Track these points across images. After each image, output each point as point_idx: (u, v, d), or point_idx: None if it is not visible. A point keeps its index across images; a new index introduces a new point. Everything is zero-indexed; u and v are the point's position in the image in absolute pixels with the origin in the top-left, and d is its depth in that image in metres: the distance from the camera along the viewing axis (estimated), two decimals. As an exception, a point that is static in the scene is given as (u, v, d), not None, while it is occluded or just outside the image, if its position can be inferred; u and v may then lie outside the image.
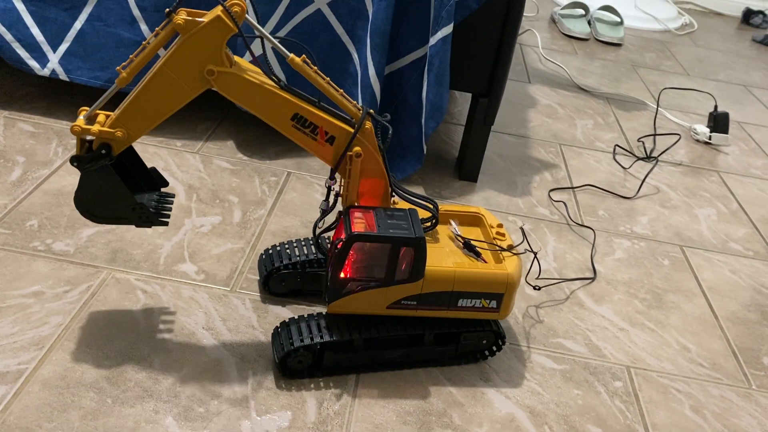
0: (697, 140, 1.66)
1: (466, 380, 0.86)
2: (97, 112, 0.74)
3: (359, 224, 0.76)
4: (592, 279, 1.08)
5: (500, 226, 0.88)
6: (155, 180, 0.82)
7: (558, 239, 1.17)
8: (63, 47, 1.21)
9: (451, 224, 0.89)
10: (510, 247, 0.84)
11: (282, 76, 1.20)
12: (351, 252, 0.76)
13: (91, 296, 0.88)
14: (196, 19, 0.69)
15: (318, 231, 0.83)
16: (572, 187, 1.34)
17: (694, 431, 0.84)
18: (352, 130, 0.76)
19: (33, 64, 1.21)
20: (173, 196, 0.83)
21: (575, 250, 1.15)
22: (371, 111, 0.78)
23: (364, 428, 0.77)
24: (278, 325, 0.83)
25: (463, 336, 0.85)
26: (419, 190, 1.24)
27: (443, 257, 0.82)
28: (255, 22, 0.72)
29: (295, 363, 0.80)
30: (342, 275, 0.77)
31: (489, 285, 0.81)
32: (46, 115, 1.27)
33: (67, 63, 1.21)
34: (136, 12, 1.18)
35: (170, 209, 0.81)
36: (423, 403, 0.82)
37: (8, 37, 1.19)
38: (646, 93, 1.92)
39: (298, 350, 0.79)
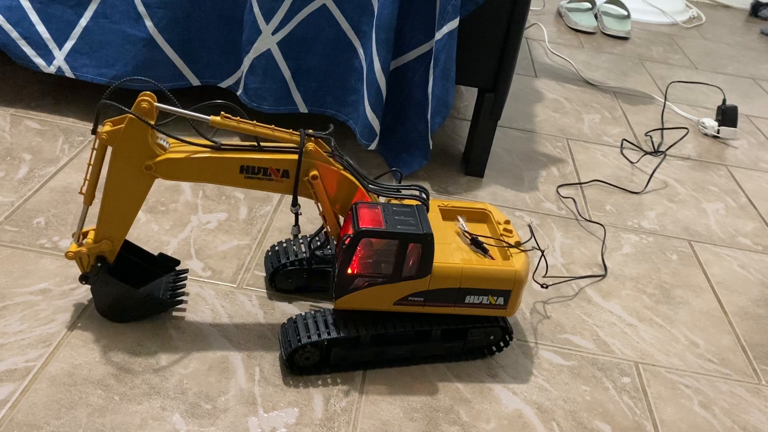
0: (705, 134, 1.65)
1: (473, 376, 0.85)
2: (84, 230, 0.81)
3: (367, 220, 0.76)
4: (603, 276, 1.07)
5: (507, 222, 0.88)
6: (167, 263, 0.89)
7: (565, 234, 1.17)
8: (68, 44, 1.21)
9: (458, 220, 0.88)
10: (518, 244, 0.84)
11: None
12: (358, 248, 0.76)
13: (97, 293, 0.88)
14: (116, 128, 0.74)
15: (311, 243, 0.85)
16: (580, 183, 1.34)
17: (703, 427, 0.84)
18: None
19: (39, 61, 1.22)
20: (187, 271, 0.91)
21: (583, 245, 1.14)
22: (309, 131, 0.79)
23: (371, 425, 0.77)
24: (285, 321, 0.83)
25: (470, 332, 0.84)
26: (425, 186, 1.24)
27: (450, 253, 0.82)
28: (168, 106, 0.75)
29: (302, 359, 0.80)
30: (349, 271, 0.77)
31: (496, 281, 0.81)
32: (53, 113, 1.27)
33: (73, 60, 1.21)
34: (141, 9, 1.18)
35: (184, 286, 0.89)
36: (430, 399, 0.81)
37: (14, 34, 1.19)
38: (653, 87, 1.90)
39: (305, 347, 0.79)
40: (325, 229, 0.83)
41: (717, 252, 1.19)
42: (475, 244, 0.84)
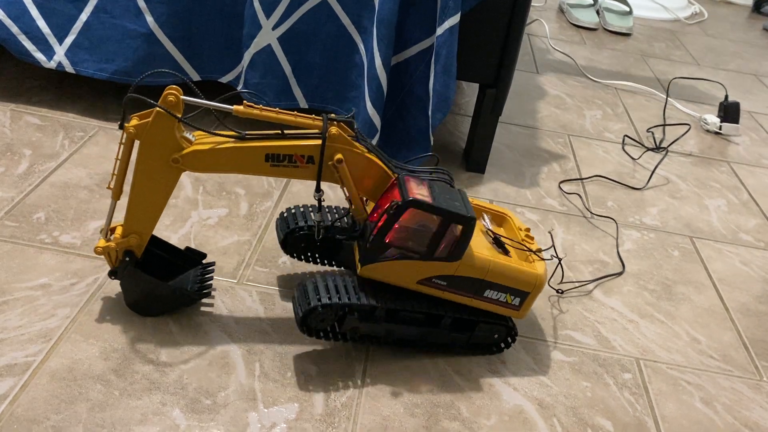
0: (707, 130, 1.64)
1: (474, 372, 0.85)
2: (113, 226, 0.82)
3: (416, 192, 0.75)
4: (620, 273, 1.07)
5: (528, 230, 0.89)
6: (193, 256, 0.89)
7: (566, 230, 1.16)
8: (69, 39, 1.21)
9: (483, 218, 0.89)
10: (538, 251, 0.85)
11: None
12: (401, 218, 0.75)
13: (98, 288, 0.88)
14: (144, 122, 0.74)
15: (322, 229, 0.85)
16: (581, 179, 1.33)
17: (704, 423, 0.84)
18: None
19: (39, 56, 1.21)
20: (214, 264, 0.91)
21: (584, 241, 1.14)
22: (332, 115, 0.78)
23: (372, 420, 0.77)
24: (305, 280, 0.81)
25: (479, 326, 0.84)
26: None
27: (477, 245, 0.82)
28: (193, 99, 0.75)
29: (316, 321, 0.79)
30: (386, 239, 0.77)
31: (519, 282, 0.81)
32: (53, 108, 1.27)
33: (73, 55, 1.21)
34: (141, 4, 1.17)
35: (211, 278, 0.90)
36: (430, 395, 0.81)
37: (14, 29, 1.19)
38: (655, 83, 1.90)
39: (325, 307, 0.77)
40: (351, 213, 0.83)
41: (719, 248, 1.19)
42: (497, 243, 0.85)
